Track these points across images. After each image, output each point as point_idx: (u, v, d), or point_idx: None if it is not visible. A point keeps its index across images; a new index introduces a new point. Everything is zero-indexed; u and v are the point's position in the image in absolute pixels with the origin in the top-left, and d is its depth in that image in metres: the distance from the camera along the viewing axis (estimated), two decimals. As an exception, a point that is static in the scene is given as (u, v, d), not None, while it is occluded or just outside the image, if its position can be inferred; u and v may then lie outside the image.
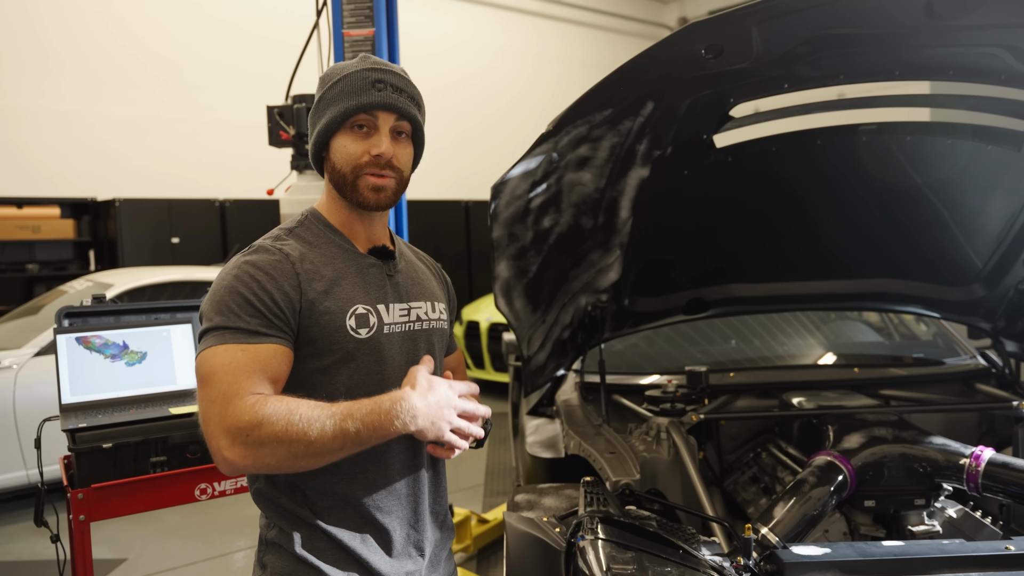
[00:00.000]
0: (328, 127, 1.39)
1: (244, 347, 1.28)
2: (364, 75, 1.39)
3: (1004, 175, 2.15)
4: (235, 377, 1.25)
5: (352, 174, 1.39)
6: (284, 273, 1.34)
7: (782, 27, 1.69)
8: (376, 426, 1.24)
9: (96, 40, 7.82)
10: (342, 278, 1.40)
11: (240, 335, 1.29)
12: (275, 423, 1.20)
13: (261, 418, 1.20)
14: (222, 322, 1.30)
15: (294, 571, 1.37)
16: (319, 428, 1.21)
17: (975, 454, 1.94)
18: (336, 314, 1.37)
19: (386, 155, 1.39)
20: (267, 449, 1.20)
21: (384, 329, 1.42)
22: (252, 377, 1.26)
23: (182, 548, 4.24)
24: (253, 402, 1.22)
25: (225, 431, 1.22)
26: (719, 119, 2.00)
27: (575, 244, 2.30)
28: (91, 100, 7.82)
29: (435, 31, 10.33)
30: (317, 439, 1.21)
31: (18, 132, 7.46)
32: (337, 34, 3.00)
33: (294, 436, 1.20)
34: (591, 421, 2.49)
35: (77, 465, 2.25)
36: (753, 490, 2.37)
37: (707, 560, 1.59)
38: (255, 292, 1.31)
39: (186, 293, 5.59)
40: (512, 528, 1.92)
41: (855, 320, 3.42)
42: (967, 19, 1.68)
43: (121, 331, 2.53)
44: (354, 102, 1.37)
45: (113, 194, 7.54)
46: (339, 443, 1.23)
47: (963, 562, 1.53)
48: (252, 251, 1.39)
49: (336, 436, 1.22)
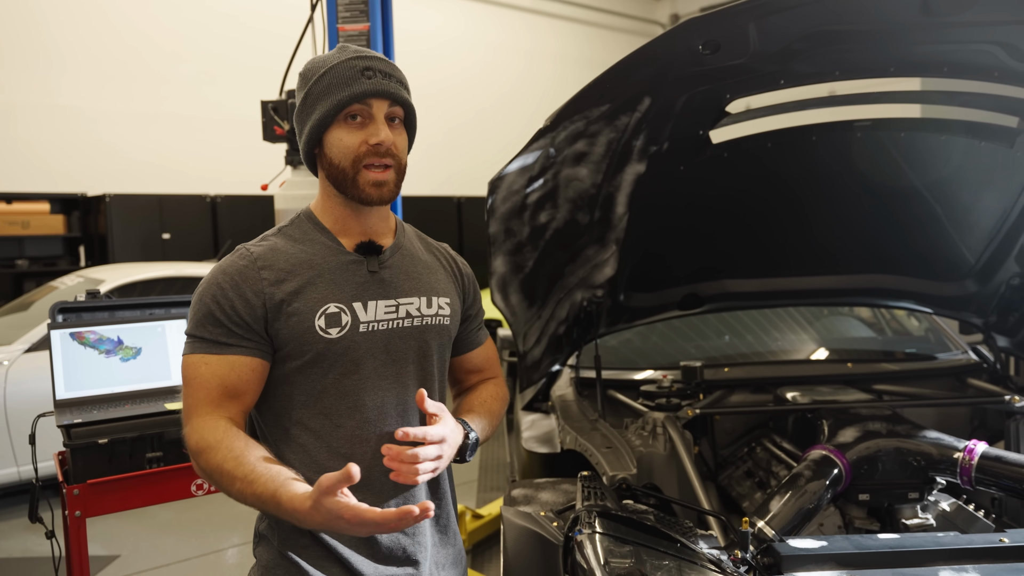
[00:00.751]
0: (321, 122, 1.36)
1: (207, 360, 1.34)
2: (351, 64, 1.36)
3: (997, 172, 2.17)
4: (196, 393, 1.33)
5: (352, 168, 1.36)
6: (247, 279, 1.35)
7: (779, 23, 1.70)
8: (275, 513, 1.24)
9: (88, 35, 7.77)
10: (318, 277, 1.38)
11: (205, 345, 1.34)
12: (208, 460, 1.27)
13: (202, 448, 1.28)
14: (191, 330, 1.37)
15: (277, 565, 1.38)
16: (236, 489, 1.25)
17: (969, 448, 1.95)
18: (305, 315, 1.35)
19: (385, 142, 1.36)
20: (203, 474, 1.30)
21: (360, 328, 1.39)
22: (210, 394, 1.32)
23: (175, 545, 4.22)
24: (202, 428, 1.30)
25: (185, 440, 1.33)
26: (715, 115, 2.01)
27: (571, 239, 2.30)
28: (82, 95, 7.78)
29: (427, 26, 10.31)
30: (234, 494, 1.26)
31: (7, 127, 7.40)
32: (332, 29, 3.00)
33: (217, 480, 1.27)
34: (587, 416, 2.50)
35: (72, 461, 2.24)
36: (748, 484, 2.38)
37: (705, 553, 1.59)
38: (218, 302, 1.34)
39: (176, 289, 5.57)
40: (510, 522, 1.93)
41: (848, 316, 3.44)
42: (962, 16, 1.69)
43: (115, 327, 2.52)
44: (346, 93, 1.34)
45: (103, 189, 7.49)
46: (251, 504, 1.26)
47: (959, 554, 1.54)
48: (232, 254, 1.41)
49: (247, 501, 1.25)
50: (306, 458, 1.37)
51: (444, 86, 10.26)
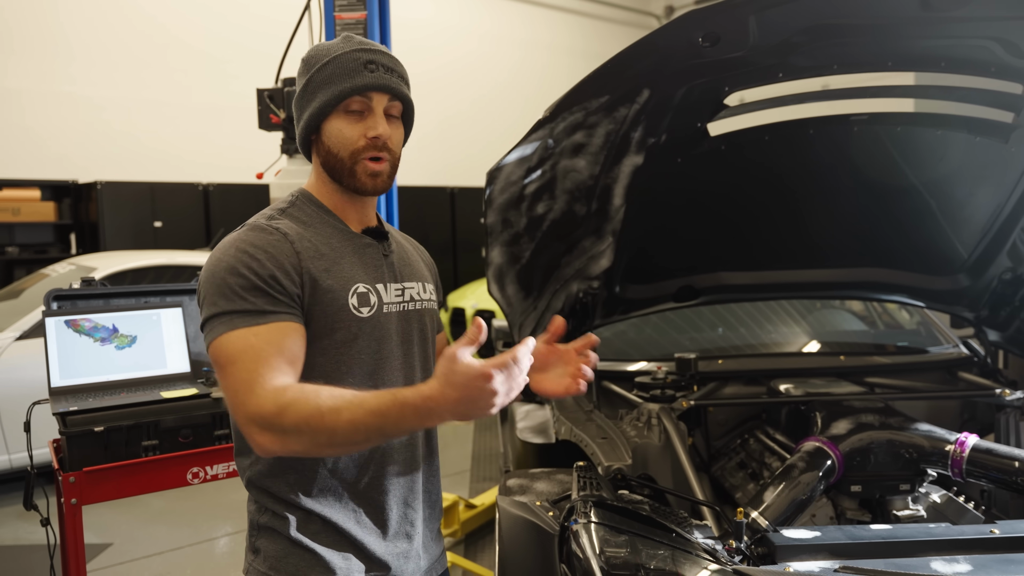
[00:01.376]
0: (321, 111, 1.37)
1: (255, 330, 1.26)
2: (354, 56, 1.37)
3: (992, 167, 2.18)
4: (253, 364, 1.23)
5: (351, 159, 1.38)
6: (283, 251, 1.33)
7: (779, 16, 1.70)
8: (400, 422, 1.17)
9: (81, 21, 7.70)
10: (341, 257, 1.40)
11: (248, 317, 1.27)
12: (298, 411, 1.17)
13: (283, 405, 1.18)
14: (227, 306, 1.28)
15: (289, 554, 1.37)
16: (345, 420, 1.17)
17: (960, 440, 1.97)
18: (339, 292, 1.36)
19: (383, 137, 1.38)
20: (292, 436, 1.19)
21: (384, 308, 1.43)
22: (269, 361, 1.24)
23: (168, 533, 4.23)
24: (274, 389, 1.21)
25: (251, 419, 1.21)
26: (714, 107, 2.01)
27: (568, 231, 2.31)
28: (75, 82, 7.72)
29: (422, 15, 10.26)
30: (341, 432, 1.17)
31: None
32: (329, 17, 2.98)
33: (316, 428, 1.17)
34: (582, 407, 2.52)
35: (68, 448, 2.24)
36: (741, 476, 2.40)
37: (699, 543, 1.61)
38: (255, 271, 1.29)
39: (168, 277, 5.56)
40: (505, 512, 1.94)
41: (840, 309, 3.46)
42: (960, 11, 1.70)
43: (111, 314, 2.51)
44: (348, 84, 1.35)
45: (95, 176, 7.45)
46: (362, 436, 1.18)
47: (949, 545, 1.56)
48: (247, 230, 1.37)
49: (359, 429, 1.17)
50: None
51: (438, 75, 10.22)
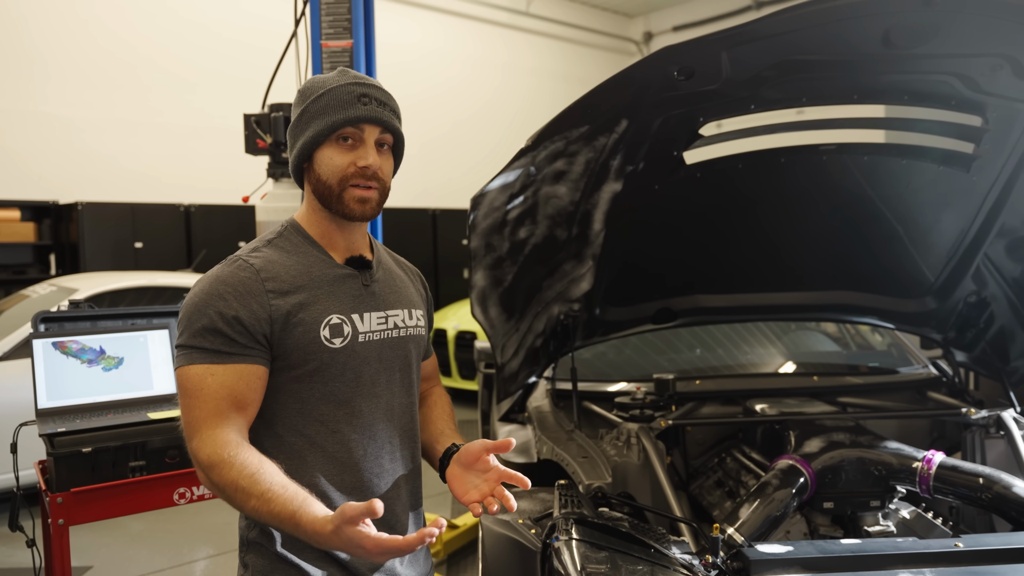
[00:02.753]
0: (314, 140, 1.43)
1: (212, 369, 1.34)
2: (349, 89, 1.43)
3: (955, 194, 2.27)
4: (204, 405, 1.32)
5: (339, 186, 1.43)
6: (251, 290, 1.38)
7: (750, 52, 1.79)
8: (291, 531, 1.26)
9: (63, 41, 7.71)
10: (317, 289, 1.44)
11: (207, 355, 1.34)
12: (221, 475, 1.27)
13: (214, 462, 1.28)
14: (190, 340, 1.35)
15: (275, 569, 1.42)
16: (251, 506, 1.26)
17: (927, 458, 2.04)
18: (310, 325, 1.40)
19: (372, 167, 1.43)
20: (214, 489, 1.31)
21: (359, 338, 1.46)
22: (219, 405, 1.33)
23: (148, 556, 4.20)
24: (213, 442, 1.30)
25: (192, 454, 1.33)
26: (689, 137, 2.09)
27: (550, 255, 2.37)
28: (55, 102, 7.71)
29: (406, 39, 10.36)
30: (247, 510, 1.28)
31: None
32: (315, 45, 3.04)
33: (231, 496, 1.28)
34: (563, 427, 2.56)
35: (55, 469, 2.25)
36: (718, 493, 2.46)
37: (677, 558, 1.66)
38: (220, 311, 1.35)
39: (149, 298, 5.54)
40: (488, 530, 1.98)
41: (814, 330, 3.54)
42: (921, 48, 1.79)
43: (98, 336, 2.54)
44: (341, 115, 1.41)
45: (76, 197, 7.43)
46: (265, 521, 1.27)
47: (916, 558, 1.63)
48: (224, 264, 1.43)
49: (260, 517, 1.27)
50: (301, 464, 1.41)
51: (422, 99, 10.31)
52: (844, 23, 1.71)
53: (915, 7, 1.67)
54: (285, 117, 3.11)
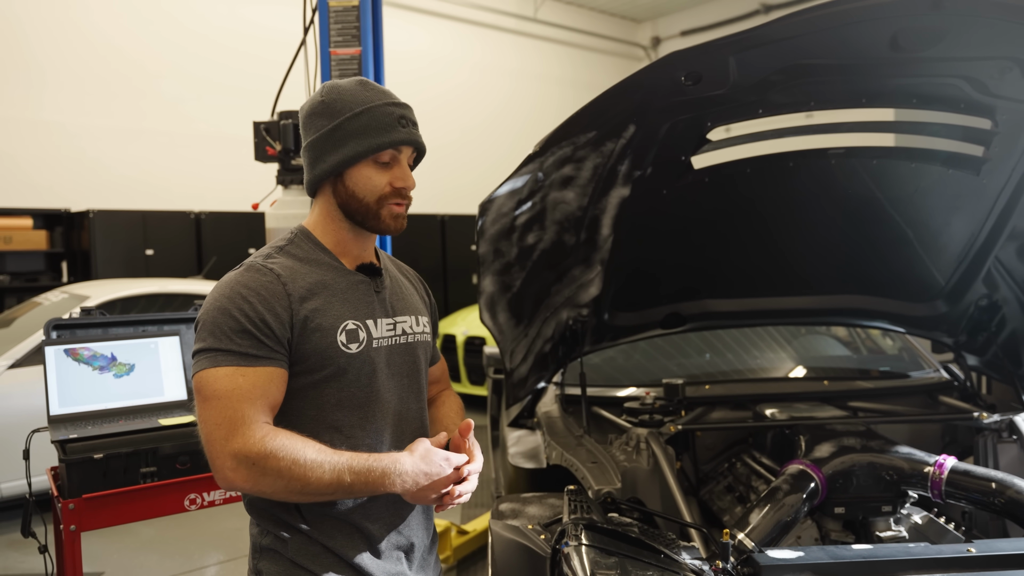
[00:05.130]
0: (351, 158, 1.44)
1: (243, 371, 1.35)
2: (388, 111, 1.46)
3: (965, 197, 2.26)
4: (240, 403, 1.32)
5: (376, 204, 1.47)
6: (274, 294, 1.39)
7: (757, 57, 1.79)
8: (369, 483, 1.35)
9: (74, 50, 7.78)
10: (332, 295, 1.46)
11: (234, 358, 1.35)
12: (281, 459, 1.29)
13: (269, 451, 1.29)
14: (215, 344, 1.36)
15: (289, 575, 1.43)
16: (318, 474, 1.31)
17: (939, 463, 2.03)
18: (327, 330, 1.42)
19: (410, 187, 1.49)
20: (268, 479, 1.30)
21: (373, 344, 1.48)
22: (255, 404, 1.34)
23: (159, 562, 4.22)
24: (263, 434, 1.31)
25: (231, 454, 1.30)
26: (697, 142, 2.09)
27: (558, 260, 2.37)
28: (66, 110, 7.78)
29: (415, 47, 10.40)
30: (314, 483, 1.31)
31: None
32: (324, 52, 3.06)
33: (295, 475, 1.30)
34: (572, 432, 2.56)
35: (68, 476, 2.26)
36: (728, 499, 2.45)
37: (687, 564, 1.65)
38: (246, 314, 1.36)
39: (160, 305, 5.57)
40: (498, 535, 1.98)
41: (824, 335, 3.53)
42: (929, 52, 1.79)
43: (109, 343, 2.55)
44: (385, 139, 1.44)
45: (87, 205, 7.48)
46: (332, 489, 1.33)
47: (928, 564, 1.62)
48: (243, 270, 1.43)
49: (331, 484, 1.32)
50: None
51: (431, 106, 10.33)
52: (852, 27, 1.71)
53: (923, 10, 1.67)
54: (294, 124, 3.13)
